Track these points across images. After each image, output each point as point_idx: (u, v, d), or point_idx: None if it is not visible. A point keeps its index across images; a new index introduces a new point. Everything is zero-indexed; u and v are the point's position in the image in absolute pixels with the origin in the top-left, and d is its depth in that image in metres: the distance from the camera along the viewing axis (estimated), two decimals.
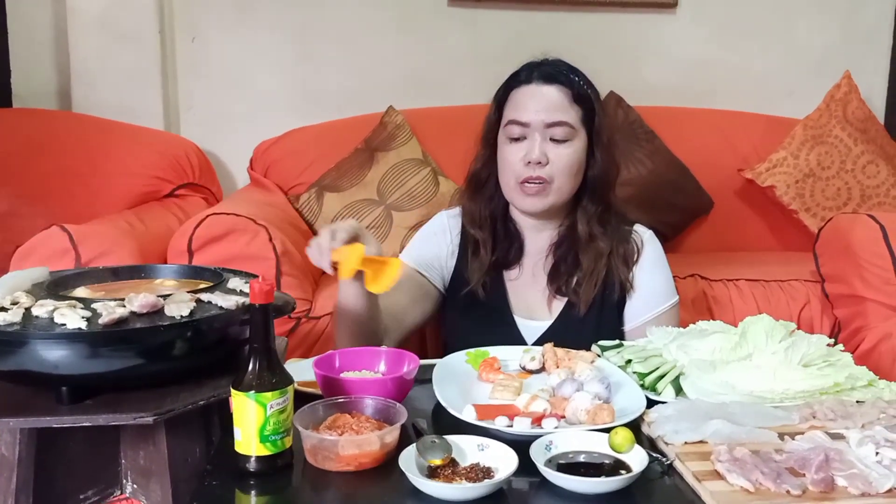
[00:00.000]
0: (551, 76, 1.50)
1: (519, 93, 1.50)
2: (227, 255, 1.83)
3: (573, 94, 1.49)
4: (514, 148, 1.48)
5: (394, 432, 1.00)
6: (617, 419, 1.08)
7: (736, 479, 0.93)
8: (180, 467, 1.08)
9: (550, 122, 1.46)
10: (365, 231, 1.32)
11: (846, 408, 1.14)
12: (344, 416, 1.04)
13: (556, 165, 1.46)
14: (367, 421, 1.03)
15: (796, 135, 2.65)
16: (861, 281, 1.93)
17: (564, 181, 1.48)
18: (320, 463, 0.98)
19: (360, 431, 1.00)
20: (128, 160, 2.41)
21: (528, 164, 1.46)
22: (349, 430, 1.00)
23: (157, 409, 0.99)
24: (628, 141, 2.60)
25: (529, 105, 1.48)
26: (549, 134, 1.47)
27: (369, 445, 0.98)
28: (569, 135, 1.47)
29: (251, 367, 0.97)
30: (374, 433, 0.99)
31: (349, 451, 0.97)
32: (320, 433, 0.99)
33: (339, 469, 0.97)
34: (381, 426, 1.02)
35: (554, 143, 1.47)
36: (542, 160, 1.45)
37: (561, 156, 1.47)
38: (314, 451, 0.98)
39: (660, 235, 2.56)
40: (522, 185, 1.47)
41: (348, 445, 0.97)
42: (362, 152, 2.49)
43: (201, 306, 1.08)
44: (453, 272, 1.59)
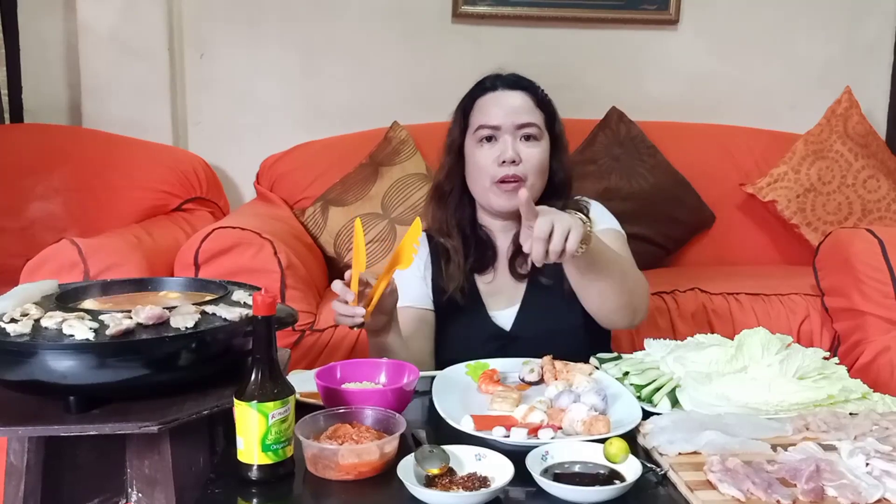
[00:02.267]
0: (515, 83, 1.57)
1: (486, 99, 1.56)
2: (233, 267, 1.86)
3: (536, 99, 1.56)
4: (486, 151, 1.52)
5: (393, 442, 1.02)
6: (612, 430, 1.10)
7: (728, 488, 0.94)
8: (184, 475, 1.10)
9: (521, 123, 1.52)
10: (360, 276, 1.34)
11: (839, 419, 1.15)
12: (344, 427, 1.06)
13: (528, 163, 1.51)
14: (367, 431, 1.05)
15: (797, 150, 2.67)
16: (860, 295, 1.95)
17: (536, 179, 1.53)
18: (321, 472, 1.00)
19: (360, 441, 1.02)
20: (136, 175, 2.45)
21: (503, 164, 1.50)
22: (349, 439, 1.02)
23: (162, 419, 1.02)
24: (630, 156, 2.63)
25: (498, 109, 1.53)
26: (519, 134, 1.52)
27: (368, 455, 1.00)
28: (537, 134, 1.53)
29: (254, 378, 0.99)
30: (374, 443, 1.01)
31: (349, 460, 0.99)
32: (321, 443, 1.02)
33: (338, 478, 0.99)
34: (380, 436, 1.04)
35: (525, 143, 1.52)
36: (517, 158, 1.50)
37: (532, 154, 1.52)
38: (314, 459, 1.01)
39: (661, 249, 2.62)
40: (498, 185, 1.51)
41: (348, 454, 0.99)
42: (367, 167, 2.52)
43: (206, 318, 1.10)
44: (433, 286, 1.62)
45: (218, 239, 1.87)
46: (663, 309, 2.08)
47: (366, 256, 1.34)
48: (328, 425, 1.07)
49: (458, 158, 1.59)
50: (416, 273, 1.62)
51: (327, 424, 1.07)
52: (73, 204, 2.34)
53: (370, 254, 2.38)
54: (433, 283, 1.61)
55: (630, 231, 2.45)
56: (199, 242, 1.86)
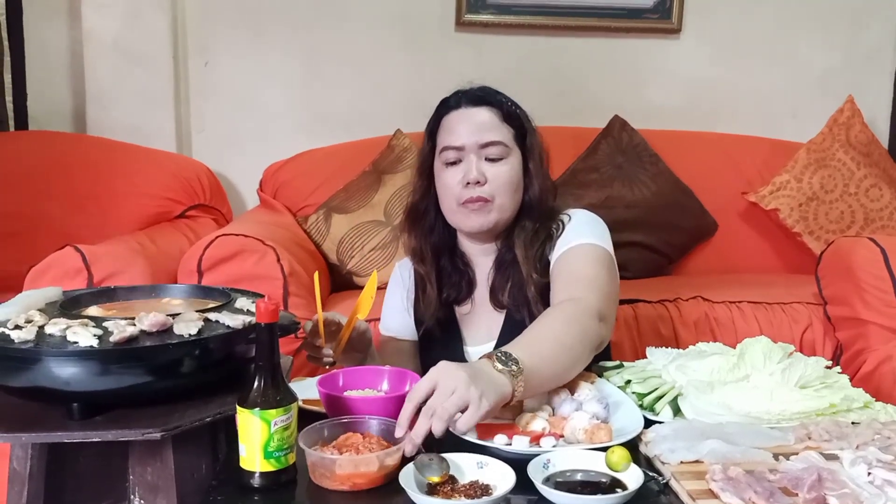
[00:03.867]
0: (479, 98, 1.50)
1: (449, 119, 1.50)
2: (236, 275, 1.86)
3: (503, 114, 1.50)
4: (452, 172, 1.47)
5: (394, 455, 1.02)
6: (614, 438, 1.10)
7: (729, 498, 0.94)
8: (187, 482, 1.10)
9: (484, 143, 1.46)
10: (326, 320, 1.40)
11: (841, 429, 1.15)
12: (356, 436, 1.05)
13: (494, 183, 1.46)
14: (378, 442, 1.04)
15: (800, 158, 2.67)
16: (862, 303, 1.95)
17: (506, 199, 1.47)
18: (318, 480, 1.00)
19: (361, 451, 1.02)
20: (140, 182, 2.46)
21: (468, 185, 1.45)
22: (353, 449, 1.02)
23: (165, 426, 1.02)
24: (632, 164, 2.63)
25: (462, 128, 1.47)
26: (483, 154, 1.46)
27: (366, 466, 0.99)
28: (503, 153, 1.47)
29: (256, 385, 0.99)
30: (374, 454, 1.00)
31: (345, 471, 0.99)
32: (324, 451, 1.02)
33: (334, 488, 0.99)
34: (388, 447, 1.03)
35: (490, 163, 1.47)
36: (481, 179, 1.45)
37: (499, 174, 1.46)
38: (314, 467, 1.01)
39: (664, 257, 2.62)
40: (464, 206, 1.47)
41: (345, 464, 0.99)
42: (370, 174, 2.53)
43: (209, 325, 1.11)
44: (415, 316, 1.60)
45: (221, 246, 1.88)
46: (666, 317, 2.09)
47: (321, 306, 1.40)
48: (333, 434, 1.07)
49: (429, 180, 1.54)
50: (399, 304, 1.61)
51: (332, 434, 1.07)
52: (77, 211, 2.35)
53: (372, 260, 2.39)
54: (416, 314, 1.60)
55: (632, 239, 2.50)
56: (203, 249, 1.87)
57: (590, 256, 1.43)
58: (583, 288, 1.35)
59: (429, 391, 1.05)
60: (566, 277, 1.40)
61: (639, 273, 2.49)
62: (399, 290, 1.63)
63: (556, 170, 1.60)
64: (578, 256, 1.43)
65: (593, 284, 1.36)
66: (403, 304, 1.61)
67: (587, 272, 1.40)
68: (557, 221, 1.52)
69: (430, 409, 1.03)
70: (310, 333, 1.39)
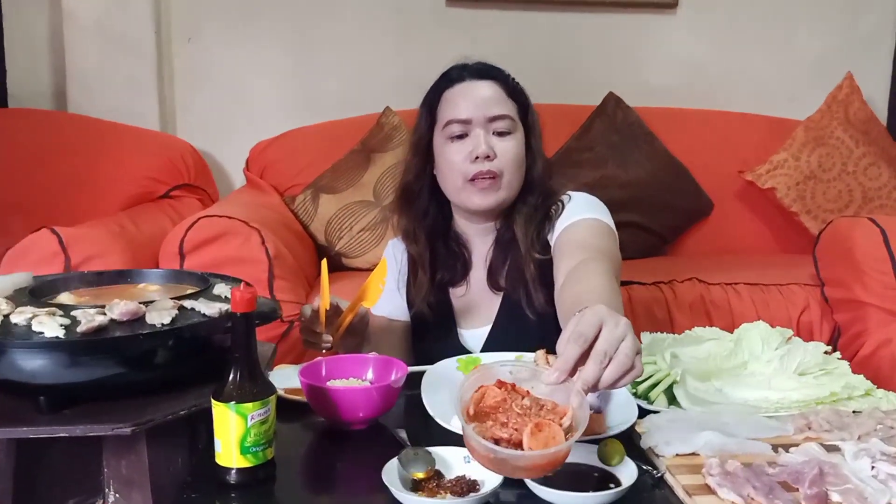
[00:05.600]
0: (484, 72, 1.46)
1: (453, 92, 1.45)
2: (219, 257, 1.81)
3: (507, 89, 1.45)
4: (458, 146, 1.42)
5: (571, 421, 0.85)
6: (608, 430, 1.06)
7: (727, 494, 0.90)
8: (162, 477, 1.06)
9: (493, 116, 1.41)
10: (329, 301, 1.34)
11: (842, 418, 1.11)
12: (493, 390, 0.88)
13: (503, 158, 1.41)
14: (534, 400, 0.87)
15: (797, 136, 2.62)
16: (861, 285, 1.91)
17: (513, 175, 1.43)
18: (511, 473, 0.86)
19: (519, 420, 0.84)
20: (122, 161, 2.40)
21: (476, 160, 1.40)
22: (509, 416, 0.85)
23: (137, 420, 0.97)
24: (627, 142, 2.58)
25: (468, 101, 1.42)
26: (492, 128, 1.42)
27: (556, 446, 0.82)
28: (511, 127, 1.43)
29: (232, 378, 0.95)
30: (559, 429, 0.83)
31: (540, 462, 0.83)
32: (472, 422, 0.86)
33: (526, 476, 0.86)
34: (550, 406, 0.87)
35: (498, 137, 1.42)
36: (491, 154, 1.40)
37: (507, 148, 1.42)
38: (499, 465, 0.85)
39: (658, 238, 2.57)
40: (472, 183, 1.41)
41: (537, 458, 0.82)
42: (359, 153, 2.47)
43: (184, 314, 1.06)
44: (407, 297, 1.56)
45: (203, 228, 1.82)
46: (661, 299, 2.04)
47: (329, 294, 1.34)
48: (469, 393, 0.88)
49: (426, 157, 1.49)
50: (391, 284, 1.56)
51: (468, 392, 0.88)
52: (57, 191, 2.29)
53: (362, 241, 2.34)
54: (408, 295, 1.56)
55: (627, 219, 2.45)
56: (184, 231, 1.81)
57: (595, 229, 1.39)
58: (593, 255, 1.29)
59: (597, 329, 0.87)
60: (574, 247, 1.35)
61: (633, 254, 2.45)
62: (391, 270, 1.58)
63: (549, 149, 1.55)
64: (584, 229, 1.39)
65: (604, 255, 1.30)
66: (395, 285, 1.57)
67: (595, 242, 1.35)
68: (557, 202, 1.48)
69: (603, 353, 0.84)
70: (308, 319, 1.35)
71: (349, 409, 1.10)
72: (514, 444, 0.82)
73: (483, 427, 0.85)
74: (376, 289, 1.33)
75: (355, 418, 1.11)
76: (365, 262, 2.34)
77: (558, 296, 1.27)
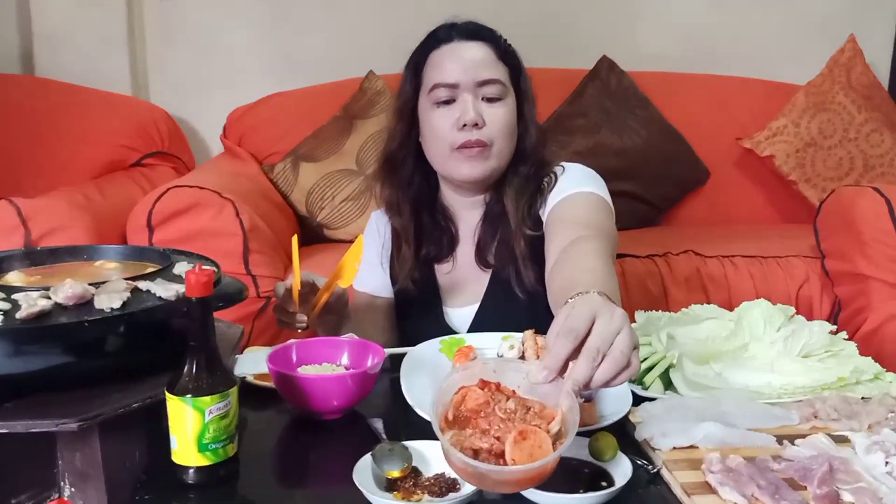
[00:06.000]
0: (474, 32, 1.35)
1: (440, 53, 1.34)
2: (191, 230, 1.72)
3: (499, 51, 1.35)
4: (444, 113, 1.33)
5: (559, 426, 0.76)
6: (600, 421, 0.98)
7: (729, 493, 0.83)
8: (117, 471, 0.97)
9: (482, 81, 1.31)
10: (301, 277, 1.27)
11: (850, 406, 1.03)
12: (476, 392, 0.79)
13: (493, 126, 1.32)
14: (520, 402, 0.78)
15: (797, 101, 2.53)
16: (864, 258, 1.83)
17: (504, 144, 1.34)
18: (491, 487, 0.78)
19: (503, 424, 0.76)
20: (92, 127, 2.29)
21: (464, 128, 1.31)
22: (491, 421, 0.76)
23: (84, 415, 0.88)
24: (621, 108, 2.49)
25: (455, 65, 1.32)
26: (481, 93, 1.32)
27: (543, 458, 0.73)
28: (501, 93, 1.33)
29: (187, 369, 0.86)
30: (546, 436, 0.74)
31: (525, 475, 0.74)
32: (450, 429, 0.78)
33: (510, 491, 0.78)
34: (538, 409, 0.77)
35: (487, 103, 1.32)
36: (479, 121, 1.31)
37: (497, 116, 1.32)
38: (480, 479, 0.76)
39: (653, 207, 2.49)
40: (460, 151, 1.32)
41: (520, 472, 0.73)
42: (341, 120, 2.37)
43: (137, 297, 0.96)
44: (391, 272, 1.48)
45: (173, 199, 1.72)
46: (655, 273, 1.96)
47: (300, 273, 1.26)
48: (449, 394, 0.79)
49: (410, 123, 1.39)
50: (374, 259, 1.48)
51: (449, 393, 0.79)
52: (21, 159, 2.17)
53: (344, 212, 2.25)
54: (391, 270, 1.47)
55: (620, 188, 2.35)
56: (153, 203, 1.71)
57: (590, 204, 1.30)
58: (590, 231, 1.19)
59: (589, 323, 0.78)
60: (567, 223, 1.26)
61: (627, 224, 2.35)
62: (374, 244, 1.50)
63: (539, 115, 1.45)
64: (578, 203, 1.30)
65: (601, 233, 1.21)
66: (378, 259, 1.49)
67: (590, 218, 1.26)
68: (550, 174, 1.39)
69: (595, 350, 0.75)
70: (282, 299, 1.27)
71: (321, 399, 1.02)
72: (496, 454, 0.73)
73: (461, 436, 0.76)
74: (352, 268, 1.24)
75: (328, 408, 1.03)
76: (347, 234, 2.25)
77: (549, 276, 1.19)
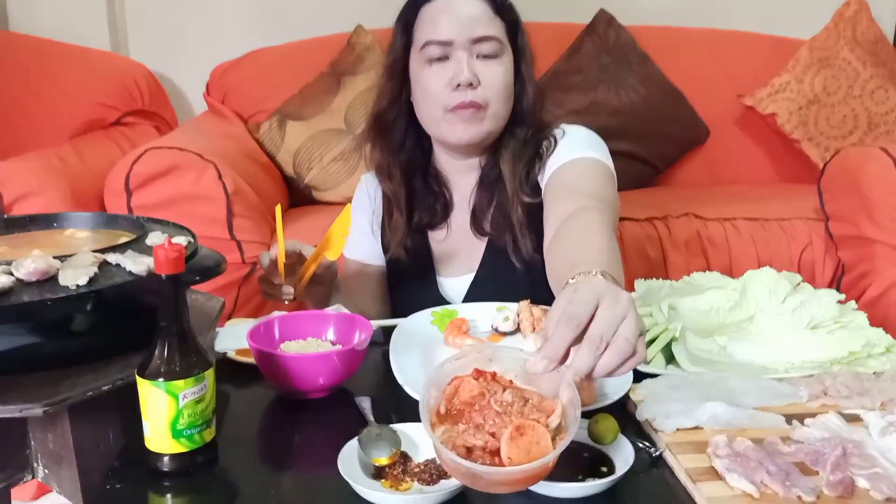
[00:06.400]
0: None
1: (432, 8, 1.26)
2: (171, 194, 1.65)
3: (495, 5, 1.27)
4: (437, 71, 1.25)
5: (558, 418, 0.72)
6: (599, 400, 0.93)
7: (737, 480, 0.78)
8: (90, 454, 0.92)
9: (477, 38, 1.24)
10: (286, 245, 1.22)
11: (862, 382, 0.98)
12: (470, 383, 0.74)
13: (489, 86, 1.25)
14: (517, 394, 0.73)
15: (801, 57, 2.45)
16: (870, 221, 1.77)
17: (500, 105, 1.27)
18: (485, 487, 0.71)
19: (498, 418, 0.70)
20: (69, 85, 2.20)
21: (458, 89, 1.23)
22: (486, 414, 0.71)
23: (49, 399, 0.83)
24: (619, 65, 2.40)
25: (448, 20, 1.24)
26: (475, 51, 1.25)
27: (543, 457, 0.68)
28: (497, 50, 1.26)
29: (158, 351, 0.80)
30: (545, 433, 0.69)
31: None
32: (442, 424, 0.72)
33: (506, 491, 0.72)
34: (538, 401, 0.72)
35: (483, 62, 1.25)
36: (474, 81, 1.23)
37: (493, 75, 1.25)
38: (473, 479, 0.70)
39: (651, 167, 2.42)
40: (453, 113, 1.25)
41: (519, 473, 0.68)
42: (328, 77, 2.28)
43: (106, 271, 0.90)
44: (382, 240, 1.41)
45: (152, 161, 1.65)
46: (654, 237, 1.90)
47: (284, 244, 1.21)
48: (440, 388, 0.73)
49: (401, 82, 1.32)
50: (364, 225, 1.42)
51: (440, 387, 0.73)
52: None
53: (332, 173, 2.17)
54: (383, 237, 1.41)
55: (618, 148, 2.26)
56: (130, 165, 1.64)
57: (592, 171, 1.24)
58: (592, 202, 1.13)
59: (592, 308, 0.73)
60: (568, 191, 1.20)
61: (624, 185, 2.25)
62: (364, 210, 1.44)
63: (535, 71, 1.37)
64: (579, 170, 1.24)
65: (604, 204, 1.14)
66: (369, 226, 1.43)
67: (592, 187, 1.20)
68: (549, 137, 1.32)
69: (598, 337, 0.70)
70: (267, 270, 1.22)
71: (306, 379, 0.96)
72: (490, 452, 0.68)
73: (453, 432, 0.70)
74: (340, 239, 1.18)
75: (313, 387, 0.98)
76: (337, 195, 2.18)
77: (548, 250, 1.12)
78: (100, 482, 0.87)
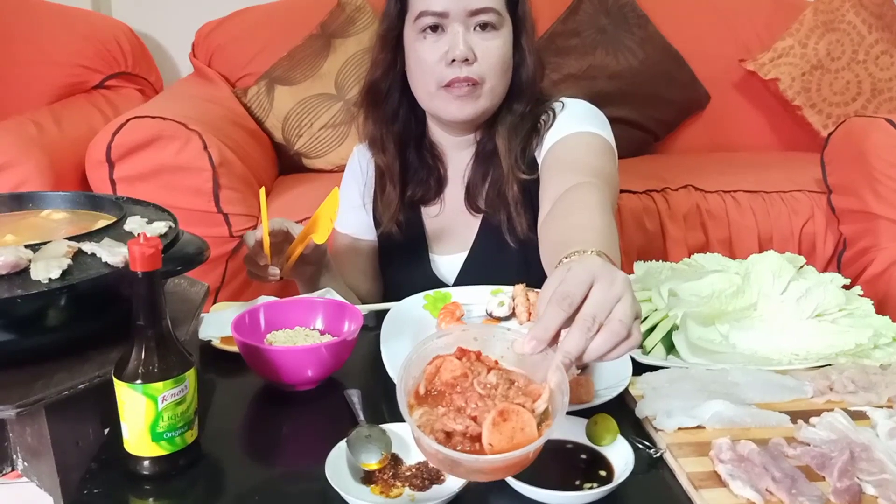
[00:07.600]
0: None
1: None
2: (154, 165, 1.59)
3: None
4: (431, 44, 1.19)
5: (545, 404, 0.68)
6: (597, 396, 0.89)
7: (741, 488, 0.75)
8: (68, 452, 0.89)
9: (474, 9, 1.17)
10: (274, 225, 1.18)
11: (868, 376, 0.96)
12: (452, 362, 0.70)
13: (486, 62, 1.19)
14: (502, 376, 0.69)
15: (805, 20, 2.38)
16: (874, 195, 1.73)
17: (497, 81, 1.21)
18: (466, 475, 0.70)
19: (481, 401, 0.66)
20: (47, 45, 2.11)
21: (453, 63, 1.17)
22: (468, 397, 0.67)
23: (22, 399, 0.79)
24: (618, 27, 2.32)
25: None
26: (472, 22, 1.18)
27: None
28: (497, 21, 1.19)
29: (136, 352, 0.76)
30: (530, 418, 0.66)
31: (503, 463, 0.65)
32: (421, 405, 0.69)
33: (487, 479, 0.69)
34: (524, 383, 0.69)
35: (480, 35, 1.19)
36: (470, 56, 1.17)
37: (490, 49, 1.19)
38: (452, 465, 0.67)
39: (649, 134, 2.36)
40: (447, 89, 1.19)
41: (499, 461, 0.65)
42: (318, 39, 2.20)
43: (80, 263, 0.85)
44: (374, 214, 1.37)
45: (134, 131, 1.58)
46: (652, 209, 1.86)
47: (270, 225, 1.17)
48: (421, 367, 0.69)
49: (395, 52, 1.25)
50: (356, 199, 1.37)
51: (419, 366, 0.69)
52: None
53: (323, 140, 2.11)
54: (374, 211, 1.36)
55: (615, 114, 2.20)
56: (111, 135, 1.57)
57: (592, 146, 1.19)
58: (589, 178, 1.08)
59: (586, 288, 0.69)
60: (565, 167, 1.15)
61: (621, 153, 2.19)
62: (356, 183, 1.39)
63: None
64: (578, 145, 1.19)
65: (602, 180, 1.09)
66: (361, 200, 1.38)
67: (590, 162, 1.15)
68: (547, 110, 1.26)
69: (591, 318, 0.67)
70: (252, 251, 1.17)
71: (294, 372, 0.93)
72: (471, 437, 0.64)
73: (433, 416, 0.67)
74: (327, 222, 1.14)
75: (301, 380, 0.94)
76: (327, 163, 2.12)
77: (542, 227, 1.08)
78: (79, 480, 0.84)
